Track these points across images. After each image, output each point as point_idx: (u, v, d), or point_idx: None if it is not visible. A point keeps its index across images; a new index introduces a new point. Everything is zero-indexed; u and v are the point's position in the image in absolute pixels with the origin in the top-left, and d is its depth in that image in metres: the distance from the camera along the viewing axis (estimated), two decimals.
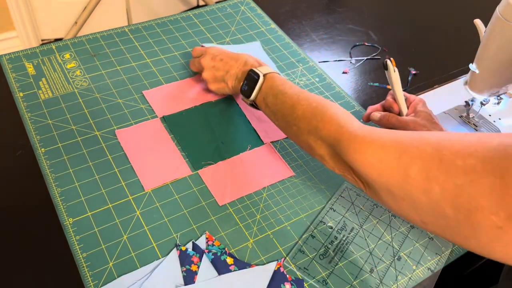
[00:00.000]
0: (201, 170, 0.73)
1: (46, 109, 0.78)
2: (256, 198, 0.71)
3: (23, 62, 0.86)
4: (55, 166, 0.71)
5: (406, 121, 0.72)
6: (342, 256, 0.65)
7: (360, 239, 0.67)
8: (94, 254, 0.62)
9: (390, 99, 0.77)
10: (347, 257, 0.65)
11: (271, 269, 0.61)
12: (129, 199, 0.68)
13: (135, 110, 0.81)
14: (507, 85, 0.80)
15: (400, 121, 0.72)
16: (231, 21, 1.02)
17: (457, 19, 1.13)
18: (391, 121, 0.73)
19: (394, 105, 0.76)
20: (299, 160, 0.77)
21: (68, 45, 0.90)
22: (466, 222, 0.42)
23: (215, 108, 0.83)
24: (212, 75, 0.79)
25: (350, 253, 0.66)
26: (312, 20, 1.09)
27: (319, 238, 0.67)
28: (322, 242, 0.66)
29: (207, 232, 0.65)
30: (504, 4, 0.72)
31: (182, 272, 0.60)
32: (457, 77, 0.97)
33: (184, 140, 0.77)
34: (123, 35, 0.94)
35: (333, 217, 0.69)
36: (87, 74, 0.85)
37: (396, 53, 1.01)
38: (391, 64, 0.75)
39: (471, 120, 0.88)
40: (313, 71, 0.93)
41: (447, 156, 0.43)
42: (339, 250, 0.66)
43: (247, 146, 0.78)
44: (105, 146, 0.74)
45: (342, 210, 0.70)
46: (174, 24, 0.99)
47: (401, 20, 1.12)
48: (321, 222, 0.68)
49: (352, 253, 0.66)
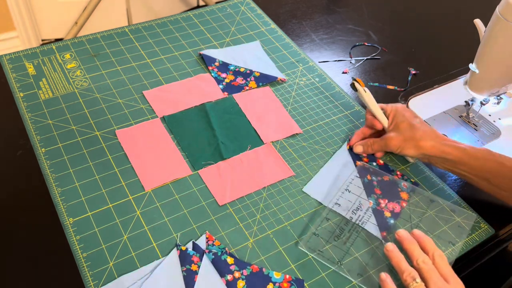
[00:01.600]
0: (201, 170, 0.73)
1: (47, 109, 0.78)
2: (256, 198, 0.71)
3: (23, 62, 0.86)
4: (55, 166, 0.71)
5: (388, 140, 0.74)
6: (357, 237, 0.66)
7: (374, 219, 0.68)
8: (94, 254, 0.62)
9: (369, 117, 0.79)
10: (362, 237, 0.66)
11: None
12: (129, 199, 0.68)
13: (135, 110, 0.81)
14: (507, 85, 0.80)
15: (382, 145, 0.75)
16: (231, 21, 1.02)
17: (457, 19, 1.13)
18: (375, 148, 0.76)
19: (375, 122, 0.77)
20: (299, 160, 0.77)
21: (68, 45, 0.90)
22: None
23: (215, 108, 0.83)
24: None
25: (366, 232, 0.67)
26: (312, 20, 1.09)
27: (333, 220, 0.68)
28: (337, 224, 0.67)
29: (207, 232, 0.65)
30: (504, 4, 0.72)
31: (182, 272, 0.61)
32: (457, 77, 0.97)
33: (184, 140, 0.77)
34: (123, 35, 0.94)
35: (348, 198, 0.70)
36: (88, 74, 0.85)
37: (396, 53, 1.01)
38: (359, 86, 0.77)
39: (471, 120, 0.88)
40: (313, 71, 0.93)
41: None
42: (354, 230, 0.67)
43: (247, 146, 0.78)
44: (105, 146, 0.74)
45: (357, 191, 0.72)
46: (174, 24, 0.99)
47: (401, 20, 1.12)
48: (336, 204, 0.69)
49: (368, 233, 0.67)
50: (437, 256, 0.60)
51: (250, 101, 0.85)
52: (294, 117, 0.84)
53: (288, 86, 0.89)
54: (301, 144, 0.79)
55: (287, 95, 0.87)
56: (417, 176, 0.77)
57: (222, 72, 0.89)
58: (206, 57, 0.91)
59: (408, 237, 0.63)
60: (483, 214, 0.72)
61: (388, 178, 0.75)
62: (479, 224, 0.71)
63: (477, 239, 0.69)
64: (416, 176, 0.77)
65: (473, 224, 0.71)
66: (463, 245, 0.68)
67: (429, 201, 0.73)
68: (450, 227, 0.70)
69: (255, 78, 0.89)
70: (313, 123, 0.83)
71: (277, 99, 0.86)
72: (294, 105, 0.86)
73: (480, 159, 0.69)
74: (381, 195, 0.73)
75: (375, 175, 0.75)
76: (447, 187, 0.76)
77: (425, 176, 0.77)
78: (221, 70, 0.90)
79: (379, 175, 0.75)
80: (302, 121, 0.83)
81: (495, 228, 0.71)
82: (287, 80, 0.90)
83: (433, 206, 0.72)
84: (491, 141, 0.85)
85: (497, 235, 0.72)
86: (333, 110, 0.86)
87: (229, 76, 0.89)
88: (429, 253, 0.61)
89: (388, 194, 0.73)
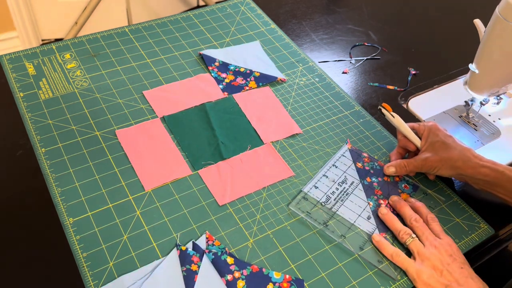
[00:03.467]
0: (201, 170, 0.73)
1: (47, 109, 0.78)
2: (256, 198, 0.71)
3: (23, 62, 0.86)
4: (55, 166, 0.71)
5: (424, 161, 0.71)
6: (342, 205, 0.71)
7: (359, 192, 0.73)
8: (94, 254, 0.62)
9: (402, 138, 0.76)
10: (347, 205, 0.71)
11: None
12: (129, 199, 0.68)
13: (135, 110, 0.81)
14: (507, 85, 0.80)
15: (417, 166, 0.72)
16: (231, 21, 1.02)
17: (457, 19, 1.13)
18: (410, 169, 0.73)
19: (408, 144, 0.75)
20: (299, 160, 0.77)
21: (68, 45, 0.90)
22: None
23: (215, 108, 0.83)
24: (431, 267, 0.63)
25: (350, 202, 0.71)
26: (312, 20, 1.09)
27: (321, 188, 0.72)
28: (324, 192, 0.72)
29: (207, 232, 0.65)
30: (504, 4, 0.72)
31: (182, 272, 0.61)
32: (457, 77, 0.97)
33: (184, 140, 0.77)
34: (123, 35, 0.94)
35: (335, 172, 0.75)
36: (87, 74, 0.85)
37: (396, 53, 1.01)
38: (387, 112, 0.75)
39: (471, 120, 0.88)
40: (313, 71, 0.93)
41: None
42: (340, 199, 0.71)
43: (247, 146, 0.78)
44: (105, 146, 0.74)
45: (344, 167, 0.76)
46: (174, 24, 0.99)
47: (401, 20, 1.12)
48: (324, 176, 0.74)
49: (351, 202, 0.71)
50: (430, 218, 0.68)
51: (250, 101, 0.85)
52: (294, 117, 0.84)
53: (288, 86, 0.89)
54: (301, 144, 0.79)
55: (287, 95, 0.87)
56: (417, 176, 0.77)
57: (222, 72, 0.89)
58: (206, 57, 0.91)
59: (400, 201, 0.71)
60: (483, 214, 0.72)
61: (389, 179, 0.75)
62: (479, 224, 0.71)
63: (477, 239, 0.69)
64: (416, 177, 0.77)
65: (473, 224, 0.71)
66: (463, 245, 0.68)
67: (429, 202, 0.73)
68: (450, 227, 0.70)
69: (255, 78, 0.89)
70: (313, 123, 0.83)
71: (277, 99, 0.86)
72: (294, 105, 0.86)
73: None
74: (381, 195, 0.73)
75: (375, 176, 0.75)
76: (447, 187, 0.76)
77: (425, 176, 0.77)
78: (221, 70, 0.90)
79: (379, 175, 0.75)
80: (302, 121, 0.83)
81: (495, 228, 0.71)
82: (287, 80, 0.90)
83: (433, 207, 0.72)
84: (491, 141, 0.85)
85: (497, 235, 0.72)
86: (333, 110, 0.86)
87: (229, 76, 0.89)
88: (423, 216, 0.69)
89: (389, 195, 0.73)
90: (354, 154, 0.78)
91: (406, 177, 0.76)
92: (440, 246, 0.64)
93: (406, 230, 0.66)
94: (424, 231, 0.66)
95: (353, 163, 0.77)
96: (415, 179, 0.76)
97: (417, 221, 0.67)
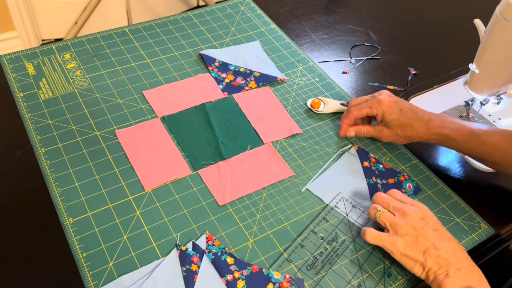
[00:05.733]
0: (201, 170, 0.73)
1: (46, 109, 0.78)
2: (256, 198, 0.71)
3: (23, 62, 0.86)
4: (55, 166, 0.71)
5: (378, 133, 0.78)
6: (330, 269, 0.63)
7: (350, 252, 0.65)
8: (94, 254, 0.62)
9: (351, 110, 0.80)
10: (335, 269, 0.63)
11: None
12: (129, 199, 0.68)
13: (135, 110, 0.81)
14: (507, 85, 0.80)
15: (375, 136, 0.79)
16: (231, 21, 1.02)
17: (457, 19, 1.13)
18: (367, 136, 0.80)
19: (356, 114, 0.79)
20: (299, 160, 0.77)
21: (68, 45, 0.90)
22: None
23: (215, 108, 0.83)
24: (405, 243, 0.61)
25: (339, 265, 0.64)
26: (312, 20, 1.09)
27: (308, 247, 0.65)
28: (310, 253, 0.64)
29: (207, 232, 0.65)
30: (504, 4, 0.72)
31: (182, 272, 0.61)
32: (457, 77, 0.97)
33: (184, 140, 0.77)
34: (123, 35, 0.94)
35: (325, 228, 0.68)
36: (87, 74, 0.85)
37: (396, 53, 1.01)
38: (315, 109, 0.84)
39: (471, 120, 0.88)
40: (313, 71, 0.93)
41: None
42: (328, 262, 0.64)
43: (247, 146, 0.78)
44: (105, 146, 0.74)
45: (335, 221, 0.69)
46: (174, 24, 0.99)
47: (401, 20, 1.12)
48: (312, 232, 0.67)
49: (340, 266, 0.64)
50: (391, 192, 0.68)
51: (250, 101, 0.85)
52: (294, 117, 0.84)
53: (288, 86, 0.89)
54: (301, 144, 0.79)
55: (287, 95, 0.87)
56: (417, 176, 0.77)
57: (222, 72, 0.89)
58: (206, 57, 0.91)
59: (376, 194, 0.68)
60: (483, 214, 0.72)
61: (393, 181, 0.75)
62: (479, 224, 0.71)
63: (477, 239, 0.69)
64: (416, 176, 0.77)
65: (474, 224, 0.71)
66: (464, 245, 0.68)
67: (429, 202, 0.73)
68: (450, 227, 0.70)
69: (255, 78, 0.89)
70: (313, 123, 0.83)
71: (277, 99, 0.86)
72: (294, 105, 0.86)
73: (465, 141, 0.72)
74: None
75: (380, 178, 0.75)
76: (447, 187, 0.76)
77: (425, 176, 0.77)
78: (221, 70, 0.90)
79: (384, 178, 0.75)
80: (302, 121, 0.83)
81: (495, 228, 0.71)
82: (287, 80, 0.90)
83: (433, 207, 0.72)
84: None
85: (497, 235, 0.72)
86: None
87: (229, 76, 0.89)
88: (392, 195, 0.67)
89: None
90: (361, 153, 0.78)
91: (409, 179, 0.76)
92: (410, 211, 0.62)
93: (372, 207, 0.65)
94: (389, 202, 0.65)
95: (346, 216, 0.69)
96: (415, 178, 0.76)
97: (378, 195, 0.67)
